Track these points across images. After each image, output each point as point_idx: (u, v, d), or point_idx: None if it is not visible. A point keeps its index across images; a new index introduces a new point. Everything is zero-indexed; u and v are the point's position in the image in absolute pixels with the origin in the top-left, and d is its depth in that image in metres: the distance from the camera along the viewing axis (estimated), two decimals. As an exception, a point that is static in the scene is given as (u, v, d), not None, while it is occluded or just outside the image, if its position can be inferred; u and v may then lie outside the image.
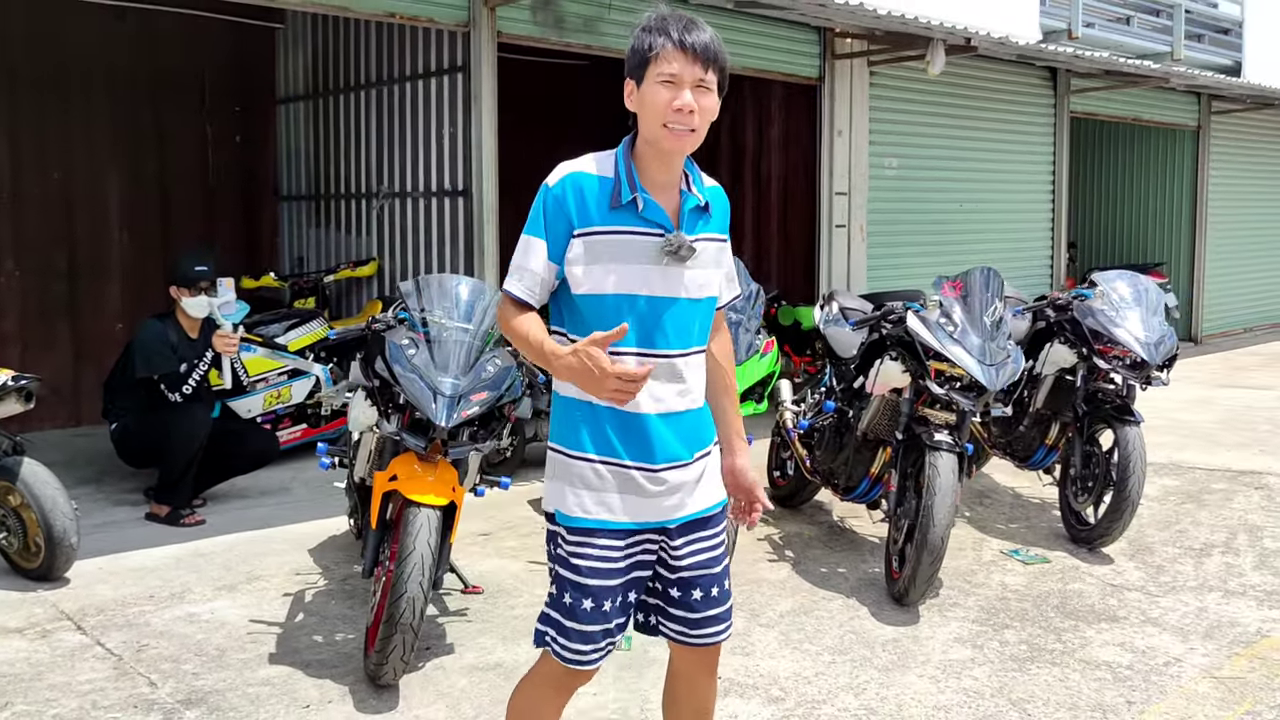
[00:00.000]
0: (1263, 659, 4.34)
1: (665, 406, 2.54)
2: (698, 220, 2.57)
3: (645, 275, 2.49)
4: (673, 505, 2.57)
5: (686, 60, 2.46)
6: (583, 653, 2.57)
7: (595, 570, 2.53)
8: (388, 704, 3.88)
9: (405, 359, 4.02)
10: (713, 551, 2.65)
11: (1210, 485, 7.06)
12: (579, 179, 2.53)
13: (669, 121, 2.46)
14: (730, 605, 2.70)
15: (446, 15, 7.10)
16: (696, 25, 2.49)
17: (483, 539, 5.83)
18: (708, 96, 2.49)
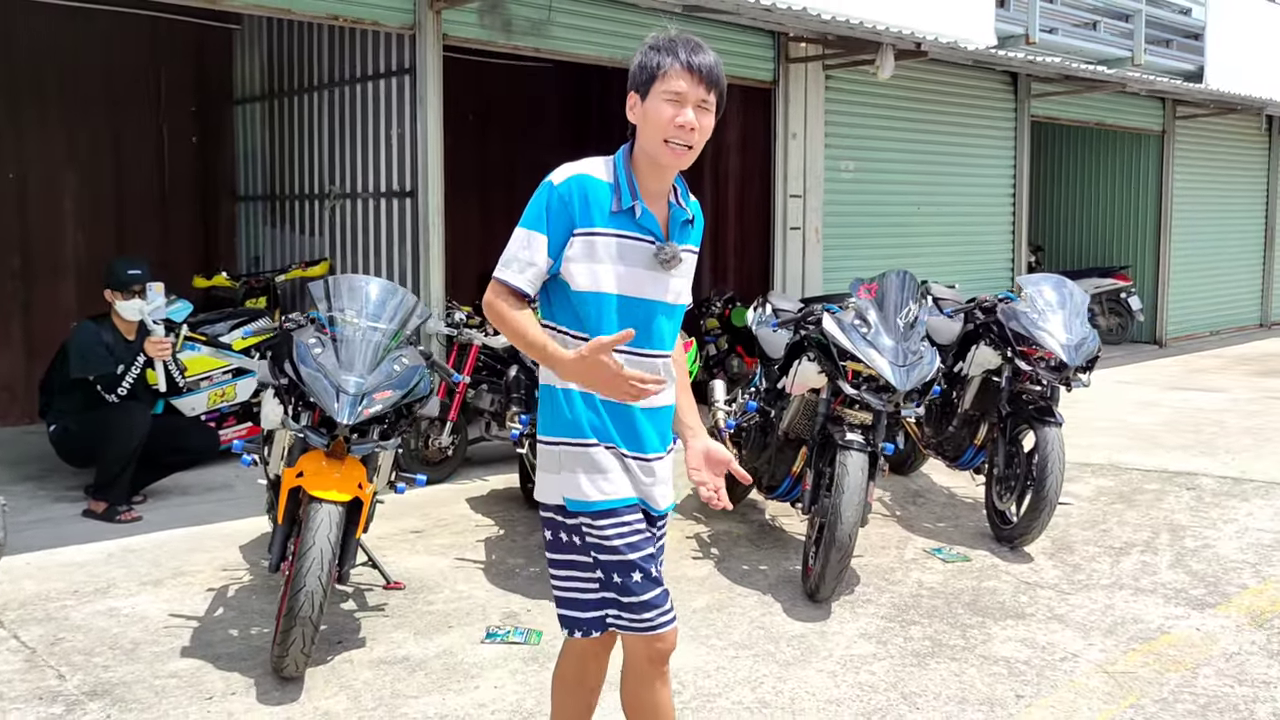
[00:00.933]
0: (1157, 655, 4.43)
1: (650, 402, 2.70)
2: (684, 232, 2.76)
3: (639, 279, 2.66)
4: (660, 495, 2.77)
5: (692, 81, 2.60)
6: (653, 618, 2.67)
7: (632, 544, 2.67)
8: (290, 695, 3.96)
9: (311, 358, 4.10)
10: (662, 542, 2.84)
11: (1144, 486, 7.15)
12: (584, 181, 2.66)
13: (670, 137, 2.61)
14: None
15: (391, 18, 7.17)
16: (702, 48, 2.65)
17: (414, 536, 5.91)
18: (707, 116, 2.64)
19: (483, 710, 3.88)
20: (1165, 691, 4.09)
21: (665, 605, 2.71)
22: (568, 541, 2.75)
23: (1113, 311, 14.44)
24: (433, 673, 4.17)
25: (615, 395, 2.57)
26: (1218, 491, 7.01)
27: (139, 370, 6.09)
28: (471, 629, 4.60)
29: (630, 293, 2.65)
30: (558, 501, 2.73)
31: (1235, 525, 6.25)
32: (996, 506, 5.95)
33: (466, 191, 11.09)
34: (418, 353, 4.37)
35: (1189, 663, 4.35)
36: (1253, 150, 16.28)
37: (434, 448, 6.97)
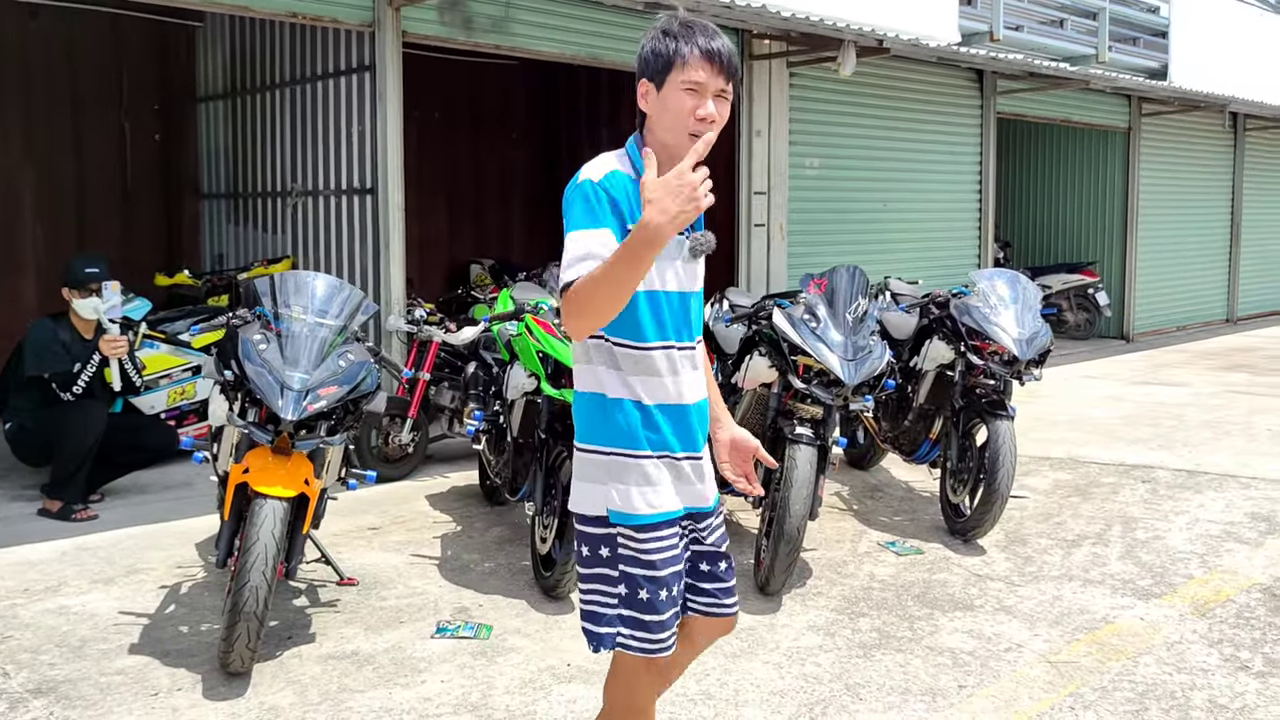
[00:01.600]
0: (1100, 644, 4.49)
1: (697, 395, 2.67)
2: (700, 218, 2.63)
3: (674, 271, 2.59)
4: (706, 491, 2.70)
5: (711, 70, 2.50)
6: (665, 640, 2.63)
7: (667, 560, 2.61)
8: (236, 691, 3.96)
9: (257, 354, 4.10)
10: (722, 530, 2.80)
11: (1100, 479, 7.22)
12: (619, 178, 2.54)
13: (693, 130, 2.50)
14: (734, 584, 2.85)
15: (350, 15, 7.17)
16: (717, 34, 2.55)
17: (371, 533, 5.92)
18: (725, 105, 2.54)
19: (428, 704, 3.89)
20: (1105, 680, 4.14)
21: (666, 632, 2.64)
22: (602, 555, 2.64)
23: (1080, 307, 14.56)
24: (380, 667, 4.19)
25: (681, 207, 2.27)
26: (1172, 484, 7.09)
27: (95, 369, 6.09)
28: (422, 624, 4.62)
29: (666, 287, 2.58)
30: (599, 513, 2.62)
31: (1186, 517, 6.33)
32: (950, 500, 6.00)
33: (433, 189, 11.12)
34: (364, 348, 4.38)
35: (1131, 651, 4.41)
36: (1218, 147, 16.43)
37: (394, 445, 6.97)
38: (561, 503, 4.81)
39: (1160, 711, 3.88)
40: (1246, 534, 5.99)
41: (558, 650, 4.36)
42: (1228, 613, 4.83)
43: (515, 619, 4.70)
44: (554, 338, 4.88)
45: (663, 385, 2.61)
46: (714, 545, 2.76)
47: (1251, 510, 6.46)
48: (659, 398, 2.59)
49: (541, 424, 5.05)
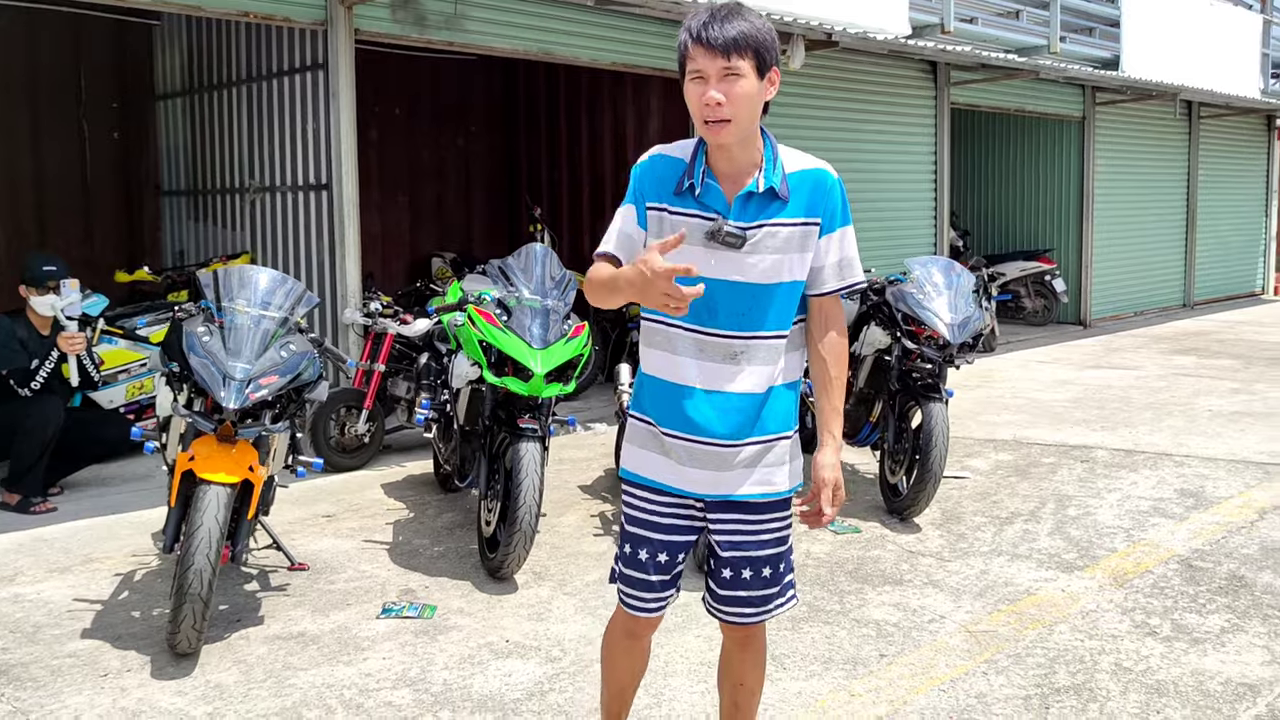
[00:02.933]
0: (1020, 614, 4.69)
1: (713, 385, 2.67)
2: (761, 206, 2.65)
3: (701, 257, 2.61)
4: (704, 480, 2.72)
5: (708, 54, 2.53)
6: (632, 596, 2.88)
7: (637, 520, 2.82)
8: (184, 671, 4.11)
9: (200, 345, 4.25)
10: (750, 537, 2.78)
11: (1041, 459, 7.44)
12: (658, 160, 2.73)
13: (705, 116, 2.57)
14: (768, 594, 2.83)
15: (302, 14, 7.29)
16: (724, 18, 2.55)
17: (325, 520, 6.06)
18: (737, 83, 2.53)
19: (368, 679, 4.05)
20: (1020, 647, 4.33)
21: (642, 593, 2.85)
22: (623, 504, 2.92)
23: (1038, 294, 14.81)
24: (325, 647, 4.34)
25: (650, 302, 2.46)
26: (1109, 463, 7.31)
27: (53, 364, 6.20)
28: (369, 606, 4.77)
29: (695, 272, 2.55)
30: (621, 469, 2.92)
31: (1118, 494, 6.54)
32: (889, 480, 6.19)
33: (396, 183, 11.24)
34: (306, 339, 4.52)
35: (1047, 620, 4.61)
36: (1172, 135, 16.71)
37: (350, 435, 7.12)
38: (504, 487, 4.97)
39: (1068, 675, 4.08)
40: (1173, 509, 6.21)
41: (498, 628, 4.52)
42: (1145, 583, 5.04)
43: (460, 599, 4.86)
44: (495, 328, 5.04)
45: (666, 360, 2.72)
46: (722, 547, 2.79)
47: (1181, 487, 6.69)
48: (658, 371, 2.75)
49: (485, 411, 5.21)
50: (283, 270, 8.20)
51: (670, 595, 2.89)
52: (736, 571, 2.81)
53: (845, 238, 2.75)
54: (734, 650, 3.00)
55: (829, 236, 2.72)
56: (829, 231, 2.72)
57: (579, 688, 3.98)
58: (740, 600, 2.85)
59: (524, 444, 4.93)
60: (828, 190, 2.72)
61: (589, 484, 6.81)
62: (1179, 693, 3.93)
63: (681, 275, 2.40)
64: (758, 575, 2.82)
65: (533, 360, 4.95)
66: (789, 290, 2.71)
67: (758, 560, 2.81)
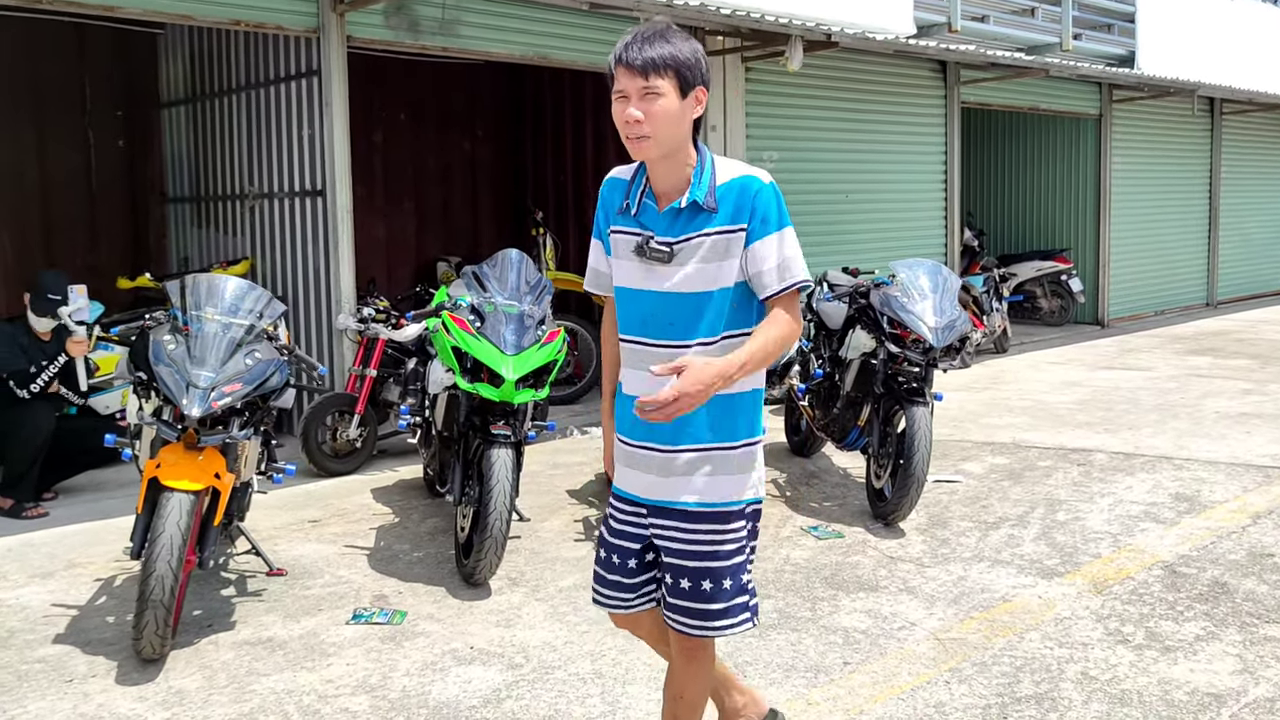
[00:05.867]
0: (992, 621, 4.64)
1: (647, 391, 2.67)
2: (689, 220, 2.72)
3: (633, 271, 2.76)
4: (647, 484, 2.82)
5: (628, 74, 2.64)
6: (601, 594, 3.00)
7: (611, 530, 2.96)
8: (148, 676, 4.14)
9: (166, 354, 4.29)
10: (686, 545, 2.80)
11: (1037, 463, 7.36)
12: (612, 183, 2.88)
13: (625, 134, 2.68)
14: (708, 609, 2.80)
15: (294, 21, 7.34)
16: (645, 39, 2.65)
17: (310, 525, 6.09)
18: (656, 101, 2.63)
19: (329, 685, 4.07)
20: (987, 655, 4.29)
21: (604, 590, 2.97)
22: None
23: (1054, 294, 14.66)
24: (292, 653, 4.36)
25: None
26: (1106, 466, 7.22)
27: (57, 369, 6.26)
28: (340, 611, 4.79)
29: (627, 284, 2.79)
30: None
31: (1111, 498, 6.46)
32: (874, 485, 6.15)
33: (401, 188, 11.29)
34: (273, 347, 4.55)
35: (1019, 628, 4.55)
36: (1194, 132, 16.49)
37: (342, 440, 7.15)
38: (479, 493, 4.97)
39: (1031, 684, 4.03)
40: (1165, 514, 6.13)
41: (465, 634, 4.53)
42: (1124, 590, 4.97)
43: (431, 605, 4.87)
44: (468, 334, 5.05)
45: (626, 373, 2.86)
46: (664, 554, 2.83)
47: (1177, 491, 6.60)
48: (623, 383, 2.88)
49: (460, 417, 5.22)
50: (280, 276, 8.27)
51: (629, 599, 2.95)
52: (676, 580, 2.83)
53: (783, 241, 2.74)
54: (679, 659, 2.99)
55: (763, 241, 2.72)
56: (762, 236, 2.72)
57: (535, 695, 3.97)
58: (678, 609, 2.85)
59: (496, 450, 4.93)
60: (752, 196, 2.73)
61: (577, 489, 6.81)
62: (1143, 702, 3.87)
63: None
64: (696, 587, 2.81)
65: (504, 366, 4.96)
66: (720, 298, 2.73)
67: (695, 571, 2.81)
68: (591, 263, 2.95)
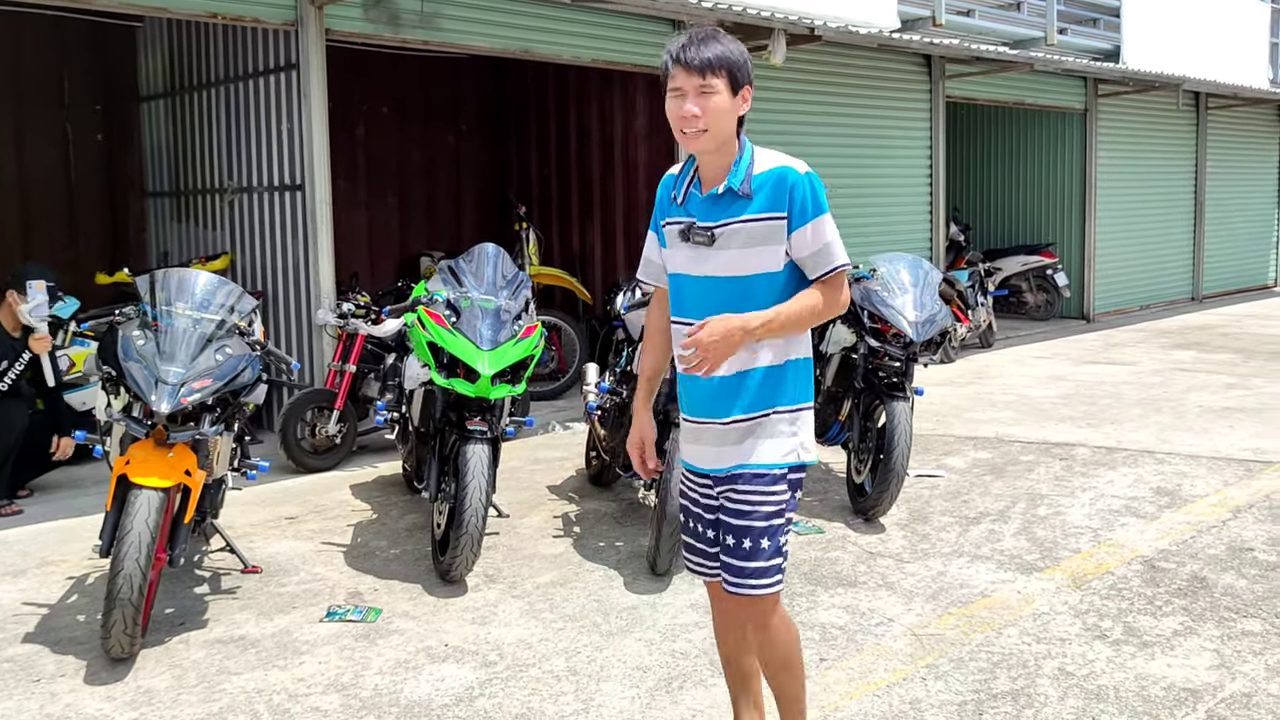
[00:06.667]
0: (970, 617, 4.62)
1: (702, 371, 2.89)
2: (726, 205, 2.90)
3: (683, 257, 2.97)
4: (712, 456, 3.00)
5: (686, 73, 2.83)
6: (691, 561, 3.20)
7: (684, 499, 3.18)
8: (117, 676, 4.10)
9: (135, 350, 4.23)
10: (741, 505, 2.98)
11: (1019, 457, 7.35)
12: (667, 179, 3.08)
13: (680, 128, 2.87)
14: (745, 567, 2.98)
15: (272, 14, 7.27)
16: (701, 41, 2.85)
17: (287, 522, 6.05)
18: (712, 98, 2.82)
19: (300, 684, 4.03)
20: (964, 651, 4.26)
21: (694, 556, 3.16)
22: None
23: (1040, 288, 14.66)
24: (264, 651, 4.32)
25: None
26: (1089, 461, 7.21)
27: (23, 366, 6.22)
28: (314, 609, 4.75)
29: (677, 270, 3.00)
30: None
31: (1092, 493, 6.45)
32: (855, 480, 6.13)
33: (384, 182, 11.23)
34: (244, 343, 4.50)
35: (997, 624, 4.53)
36: (1179, 126, 16.50)
37: (322, 436, 7.11)
38: (455, 489, 4.93)
39: (1008, 680, 4.01)
40: (1146, 508, 6.12)
41: (439, 632, 4.49)
42: (1103, 585, 4.96)
43: (407, 602, 4.83)
44: (443, 329, 5.00)
45: (681, 355, 2.95)
46: (724, 513, 3.01)
47: (1158, 485, 6.59)
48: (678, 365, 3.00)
49: (436, 413, 5.18)
50: (260, 271, 8.22)
51: (713, 567, 3.12)
52: (723, 536, 3.03)
53: (818, 228, 2.89)
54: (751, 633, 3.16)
55: (802, 229, 2.89)
56: (800, 225, 2.89)
57: (509, 693, 3.94)
58: (727, 567, 3.04)
59: (472, 446, 4.89)
60: (789, 186, 2.89)
61: (558, 484, 6.78)
62: (1119, 698, 3.85)
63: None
64: (739, 545, 2.98)
65: (480, 362, 4.91)
66: (766, 282, 2.91)
67: (742, 530, 2.98)
68: (645, 253, 3.18)
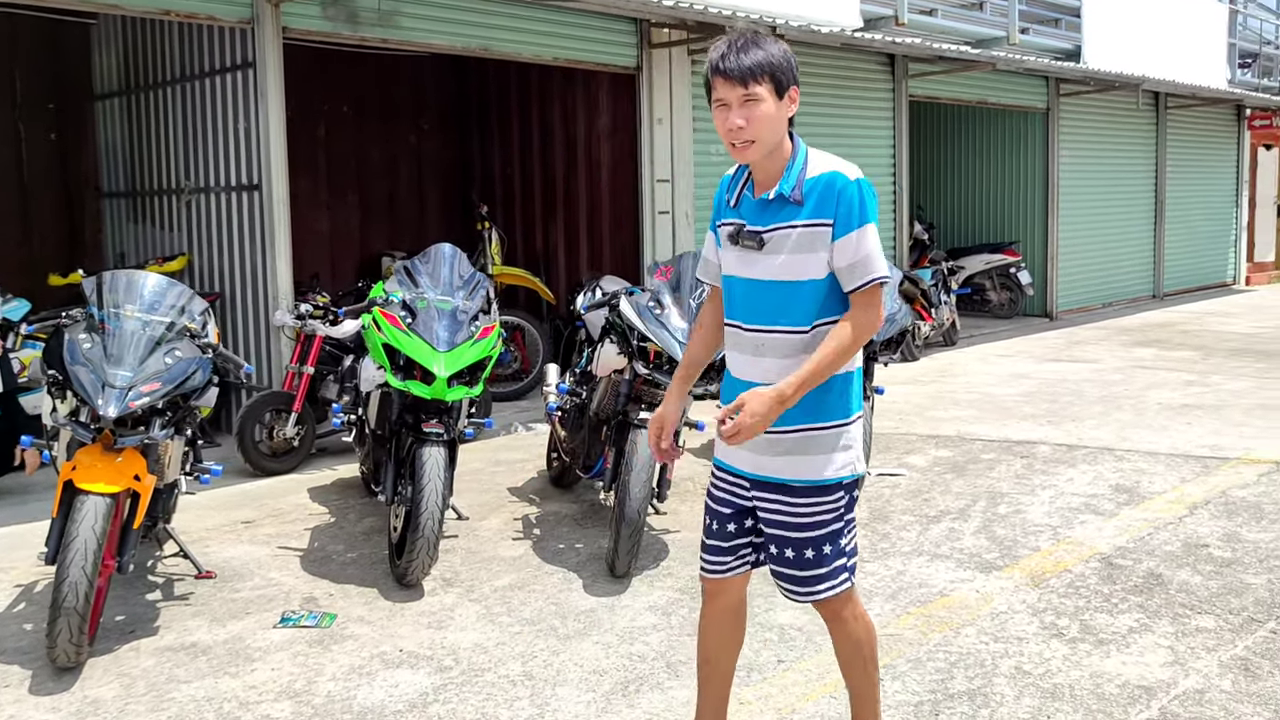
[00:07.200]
0: (929, 616, 4.61)
1: (743, 375, 2.97)
2: (776, 211, 2.88)
3: (734, 259, 2.96)
4: (750, 460, 2.98)
5: (728, 84, 2.80)
6: (705, 561, 3.18)
7: (710, 495, 3.14)
8: (63, 686, 4.02)
9: (81, 353, 4.16)
10: (788, 518, 2.97)
11: (981, 456, 7.37)
12: (724, 180, 3.07)
13: (729, 140, 2.86)
14: (811, 575, 2.98)
15: (227, 12, 7.18)
16: (740, 48, 2.80)
17: (244, 526, 5.97)
18: (757, 107, 2.79)
19: (251, 692, 3.97)
20: (922, 651, 4.26)
21: (708, 557, 3.14)
22: None
23: (1003, 286, 14.75)
24: (215, 658, 4.26)
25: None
26: (1049, 459, 7.24)
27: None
28: (268, 615, 4.69)
29: (729, 272, 2.99)
30: None
31: (1052, 491, 6.48)
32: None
33: (344, 182, 11.13)
34: (195, 345, 4.43)
35: (955, 623, 4.53)
36: (1139, 126, 16.64)
37: (279, 439, 7.02)
38: (411, 492, 4.88)
39: (965, 679, 4.01)
40: (1105, 506, 6.14)
41: (394, 637, 4.44)
42: (1061, 583, 4.97)
43: (363, 607, 4.77)
44: (399, 330, 4.95)
45: (728, 355, 3.05)
46: (765, 525, 3.01)
47: (1117, 482, 6.62)
48: (728, 365, 3.05)
49: (393, 415, 5.12)
50: (218, 272, 8.12)
51: (727, 561, 3.13)
52: (780, 550, 3.01)
53: (861, 239, 2.83)
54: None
55: (845, 238, 2.83)
56: (844, 233, 2.83)
57: (463, 698, 3.90)
58: (785, 576, 3.04)
59: (428, 449, 4.84)
60: (837, 191, 2.85)
61: (519, 486, 6.73)
62: (1074, 696, 3.86)
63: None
64: (800, 556, 2.98)
65: (436, 363, 4.86)
66: (811, 289, 2.87)
67: (798, 542, 2.97)
68: (703, 253, 3.17)
